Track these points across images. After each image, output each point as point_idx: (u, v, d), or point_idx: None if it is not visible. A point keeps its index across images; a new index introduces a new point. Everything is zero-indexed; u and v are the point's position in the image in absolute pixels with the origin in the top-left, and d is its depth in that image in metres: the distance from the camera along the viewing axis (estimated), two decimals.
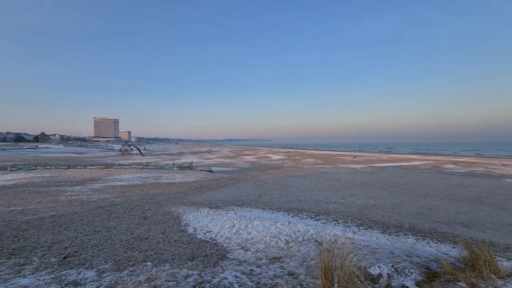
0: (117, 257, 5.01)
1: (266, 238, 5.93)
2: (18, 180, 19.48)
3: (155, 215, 8.73)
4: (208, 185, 18.73)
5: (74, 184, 17.93)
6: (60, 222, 7.79)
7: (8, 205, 10.55)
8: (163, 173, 24.97)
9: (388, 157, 58.08)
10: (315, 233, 6.34)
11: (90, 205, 10.64)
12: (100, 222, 7.74)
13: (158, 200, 11.91)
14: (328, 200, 13.16)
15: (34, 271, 4.40)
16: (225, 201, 12.03)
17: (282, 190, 16.14)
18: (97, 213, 9.08)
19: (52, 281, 3.99)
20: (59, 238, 6.24)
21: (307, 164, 41.17)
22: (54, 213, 8.97)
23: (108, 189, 15.69)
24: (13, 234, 6.51)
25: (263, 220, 7.55)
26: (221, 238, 6.20)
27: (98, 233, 6.68)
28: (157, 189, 16.31)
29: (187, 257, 5.03)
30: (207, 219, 7.94)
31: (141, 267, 4.54)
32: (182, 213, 8.96)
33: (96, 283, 3.90)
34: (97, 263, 4.73)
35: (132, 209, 9.80)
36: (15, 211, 9.30)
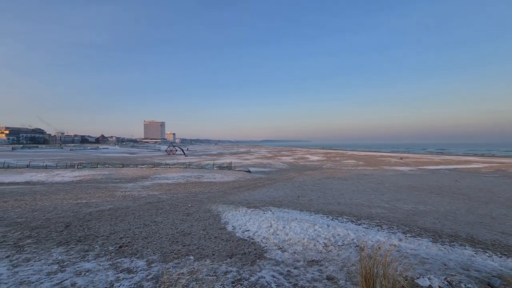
0: (164, 250, 5.43)
1: (304, 240, 5.86)
2: (83, 176, 22.25)
3: (197, 212, 9.22)
4: (246, 185, 19.10)
5: (127, 181, 19.86)
6: (116, 215, 8.71)
7: (75, 198, 12.14)
8: (204, 173, 26.20)
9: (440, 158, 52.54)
10: (356, 238, 6.06)
11: (140, 200, 11.69)
12: (149, 217, 8.45)
13: (200, 198, 12.54)
14: (371, 204, 12.44)
15: (96, 257, 5.00)
16: (263, 201, 12.15)
17: (321, 192, 15.72)
18: (146, 208, 9.94)
19: (110, 267, 4.49)
20: (115, 229, 6.99)
21: (347, 165, 39.37)
22: (111, 207, 10.06)
23: (156, 187, 17.02)
24: (80, 224, 7.48)
25: (301, 222, 7.46)
26: (258, 237, 6.30)
27: (147, 226, 7.31)
28: (199, 187, 17.17)
29: (226, 253, 5.23)
30: (245, 218, 8.12)
31: (184, 260, 4.85)
32: (222, 212, 9.30)
33: (146, 272, 4.28)
34: (147, 253, 5.19)
35: (177, 205, 10.48)
36: (81, 204, 10.67)
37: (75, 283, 3.83)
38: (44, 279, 3.99)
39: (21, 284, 3.81)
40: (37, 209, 9.55)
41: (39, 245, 5.65)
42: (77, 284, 3.81)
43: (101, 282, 3.90)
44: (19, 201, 11.06)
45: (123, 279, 3.99)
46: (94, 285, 3.79)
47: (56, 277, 4.04)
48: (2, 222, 7.61)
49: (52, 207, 9.84)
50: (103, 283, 3.87)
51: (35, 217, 8.29)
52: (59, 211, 9.21)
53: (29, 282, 3.88)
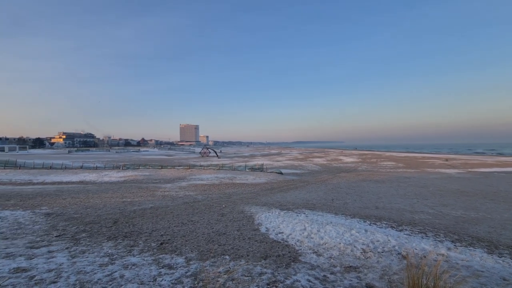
0: (200, 248, 5.65)
1: (340, 245, 5.66)
2: (127, 177, 24.11)
3: (231, 213, 9.43)
4: (279, 186, 19.03)
5: (166, 182, 21.04)
6: (157, 213, 9.29)
7: (121, 196, 13.21)
8: (236, 174, 26.69)
9: (494, 160, 46.95)
10: (397, 245, 5.69)
11: (178, 200, 12.31)
12: (186, 216, 8.86)
13: (233, 199, 12.81)
14: (413, 209, 11.58)
15: (140, 252, 5.38)
16: (296, 204, 12.00)
17: (357, 195, 15.05)
18: (184, 207, 10.43)
19: (152, 262, 4.80)
20: (156, 226, 7.45)
21: (385, 167, 37.16)
22: (152, 206, 10.75)
23: (192, 187, 17.77)
24: (126, 220, 8.12)
25: (336, 226, 7.22)
26: (292, 240, 6.24)
27: (185, 225, 7.67)
28: (232, 188, 17.54)
29: (260, 255, 5.27)
30: (278, 220, 8.10)
31: (220, 259, 4.99)
32: (255, 213, 9.39)
33: (185, 269, 4.50)
34: (185, 251, 5.44)
35: (212, 206, 10.84)
36: (126, 202, 11.57)
37: (123, 276, 4.16)
38: (97, 270, 4.40)
39: (79, 273, 4.25)
40: (90, 206, 10.58)
41: (92, 238, 6.26)
42: (125, 276, 4.14)
43: (146, 276, 4.18)
44: (74, 199, 12.37)
45: (165, 275, 4.23)
46: (140, 278, 4.08)
47: (107, 269, 4.43)
48: (62, 217, 8.57)
49: (102, 205, 10.82)
50: (147, 277, 4.15)
51: (88, 213, 9.20)
52: (108, 208, 10.10)
53: (85, 272, 4.31)
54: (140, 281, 3.97)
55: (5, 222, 7.74)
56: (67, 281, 3.93)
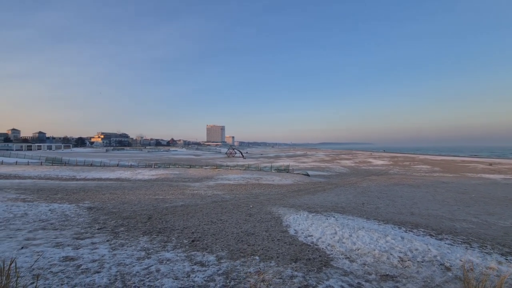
0: (230, 247, 5.72)
1: (374, 252, 5.40)
2: (158, 175, 25.26)
3: (258, 214, 9.45)
4: (305, 188, 18.72)
5: (194, 181, 21.71)
6: (187, 211, 9.60)
7: (154, 194, 13.87)
8: (262, 175, 26.73)
9: None
10: (439, 255, 5.29)
11: (207, 199, 12.62)
12: (215, 215, 9.05)
13: (260, 200, 12.83)
14: (454, 216, 10.72)
15: (173, 248, 5.59)
16: (324, 206, 11.71)
17: (389, 200, 14.30)
18: (212, 206, 10.67)
19: (185, 258, 4.96)
20: (187, 224, 7.70)
21: (419, 171, 34.89)
22: (183, 203, 11.14)
23: (219, 187, 18.13)
24: (159, 217, 8.50)
25: (369, 231, 6.90)
26: (323, 244, 6.08)
27: (214, 223, 7.84)
28: (259, 189, 17.59)
29: (290, 257, 5.20)
30: (307, 223, 7.95)
31: (250, 259, 5.01)
32: (283, 214, 9.31)
33: (216, 267, 4.58)
34: (216, 249, 5.55)
35: (239, 206, 10.95)
36: (158, 199, 12.13)
37: (159, 270, 4.35)
38: (135, 263, 4.64)
39: (119, 265, 4.52)
40: (126, 201, 11.24)
41: (129, 233, 6.64)
42: (160, 270, 4.32)
43: (180, 271, 4.33)
44: (112, 194, 13.23)
45: (197, 271, 4.34)
46: (174, 273, 4.23)
47: (144, 263, 4.66)
48: (102, 211, 9.20)
49: (137, 201, 11.45)
50: (181, 272, 4.29)
51: (125, 208, 9.78)
52: (143, 204, 10.66)
53: (124, 264, 4.57)
54: (174, 276, 4.12)
55: (54, 214, 8.50)
56: (109, 272, 4.19)
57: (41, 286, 3.55)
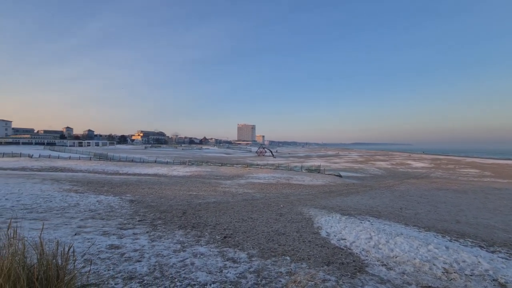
0: (261, 246, 5.76)
1: (415, 261, 5.04)
2: (192, 172, 26.35)
3: (289, 213, 9.38)
4: (338, 190, 18.13)
5: (226, 179, 22.25)
6: (219, 207, 9.88)
7: (188, 190, 14.51)
8: (293, 175, 26.46)
9: None
10: (491, 269, 4.76)
11: (238, 197, 12.86)
12: (246, 213, 9.19)
13: (291, 200, 12.72)
14: (508, 227, 9.61)
15: (206, 243, 5.79)
16: (358, 209, 11.23)
17: (431, 206, 13.25)
18: (243, 204, 10.84)
19: (218, 254, 5.11)
20: (219, 220, 7.92)
21: (466, 175, 31.77)
22: (215, 200, 11.50)
23: (250, 185, 18.35)
24: (193, 212, 8.88)
25: (409, 238, 6.46)
26: (357, 248, 5.84)
27: (245, 221, 7.96)
28: (289, 189, 17.46)
29: (322, 260, 5.08)
30: (340, 226, 7.70)
31: (281, 259, 5.00)
32: (314, 216, 9.13)
33: (248, 265, 4.64)
34: (247, 247, 5.63)
35: (270, 205, 10.98)
36: (192, 195, 12.66)
37: (194, 263, 4.54)
38: (171, 255, 4.90)
39: (157, 256, 4.80)
40: (163, 196, 11.93)
41: (166, 226, 7.03)
42: (195, 264, 4.51)
43: (213, 266, 4.47)
44: (151, 189, 14.12)
45: (230, 267, 4.45)
46: (208, 267, 4.39)
47: (180, 255, 4.90)
48: (142, 204, 9.87)
49: (172, 196, 12.08)
50: (214, 267, 4.43)
51: (162, 203, 10.38)
52: (178, 199, 11.21)
53: (162, 255, 4.85)
54: (208, 270, 4.27)
55: (101, 205, 9.33)
56: (149, 262, 4.48)
57: (92, 270, 3.92)
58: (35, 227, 6.12)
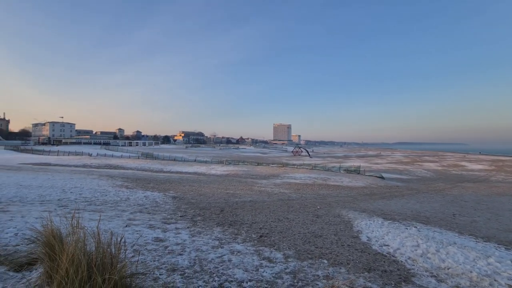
0: (297, 247, 5.69)
1: (471, 274, 4.52)
2: (229, 171, 27.10)
3: (326, 215, 9.11)
4: (380, 192, 17.06)
5: (261, 178, 22.43)
6: (255, 206, 10.01)
7: (225, 188, 14.96)
8: (330, 175, 25.60)
9: None
10: None
11: (273, 196, 12.89)
12: (282, 213, 9.16)
13: (328, 201, 12.34)
14: None
15: (243, 241, 5.91)
16: (403, 214, 10.44)
17: (491, 213, 11.75)
18: (279, 204, 10.82)
19: (254, 252, 5.18)
20: (255, 219, 8.03)
21: None
22: (251, 199, 11.67)
23: (286, 185, 18.24)
24: (230, 210, 9.14)
25: (463, 249, 5.81)
26: (402, 256, 5.43)
27: (281, 221, 7.94)
28: (326, 190, 16.94)
29: (362, 266, 4.84)
30: (382, 231, 7.24)
31: (318, 262, 4.88)
32: (353, 219, 8.73)
33: (284, 265, 4.63)
34: (283, 247, 5.61)
35: (306, 206, 10.79)
36: (229, 193, 13.03)
37: (231, 260, 4.68)
38: (210, 250, 5.11)
39: (197, 250, 5.05)
40: (202, 194, 12.49)
41: (205, 222, 7.35)
42: (232, 261, 4.64)
43: (249, 264, 4.55)
44: (191, 187, 14.88)
45: (266, 267, 4.49)
46: (244, 265, 4.48)
47: (218, 251, 5.08)
48: (183, 201, 10.46)
49: (211, 194, 12.58)
50: (250, 265, 4.51)
51: (201, 200, 10.87)
52: (216, 197, 11.64)
53: (201, 250, 5.09)
54: (244, 268, 4.36)
55: (148, 200, 10.12)
56: (189, 256, 4.73)
57: (139, 260, 4.28)
58: (93, 218, 6.89)
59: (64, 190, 11.28)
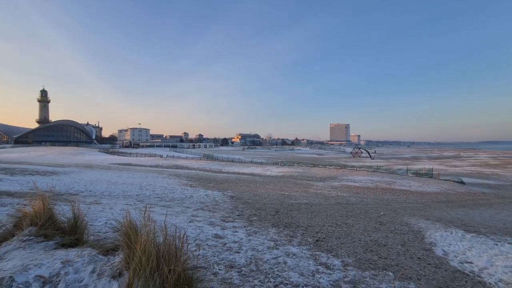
0: (358, 255, 5.32)
1: None
2: (284, 172, 27.08)
3: (391, 223, 8.29)
4: (459, 200, 14.66)
5: (317, 180, 21.73)
6: (311, 209, 9.76)
7: (280, 189, 15.00)
8: (395, 179, 23.19)
9: None
10: None
11: (330, 200, 12.34)
12: (340, 217, 8.70)
13: (393, 207, 11.19)
14: None
15: (298, 244, 5.83)
16: (491, 227, 8.75)
17: None
18: (336, 208, 10.31)
19: (310, 257, 5.05)
20: (311, 223, 7.82)
21: None
22: (306, 201, 11.42)
23: (344, 188, 17.27)
24: (285, 212, 9.12)
25: None
26: (490, 277, 4.56)
27: (339, 226, 7.54)
28: (391, 195, 15.40)
29: (437, 284, 4.24)
30: (463, 245, 6.20)
31: (382, 274, 4.47)
32: (425, 229, 7.72)
33: (342, 273, 4.38)
34: (341, 254, 5.32)
35: (367, 211, 10.01)
36: (284, 195, 13.02)
37: (286, 262, 4.66)
38: (266, 251, 5.19)
39: (253, 250, 5.19)
40: (258, 194, 12.78)
41: (261, 223, 7.50)
42: (287, 263, 4.61)
43: (305, 268, 4.46)
44: (247, 187, 15.39)
45: (322, 273, 4.32)
46: (300, 269, 4.41)
47: (273, 252, 5.12)
48: (240, 200, 10.89)
49: (266, 195, 12.78)
50: (306, 270, 4.41)
51: (257, 200, 11.14)
52: (271, 198, 11.77)
53: (257, 250, 5.20)
54: (300, 272, 4.29)
55: (209, 198, 10.86)
56: (246, 254, 4.89)
57: (200, 254, 4.63)
58: (163, 212, 7.74)
59: (141, 187, 13.00)
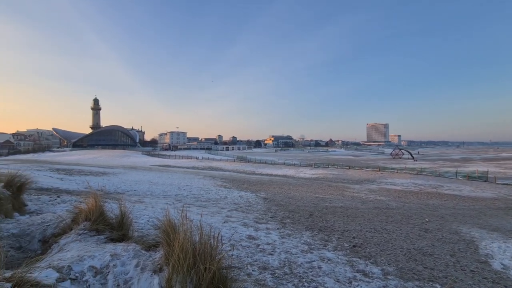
0: (399, 264, 4.98)
1: None
2: (318, 174, 26.43)
3: (438, 231, 7.59)
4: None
5: (354, 183, 20.80)
6: (347, 213, 9.37)
7: (314, 192, 14.67)
8: (443, 182, 21.20)
9: None
10: None
11: (368, 203, 11.72)
12: (379, 223, 8.21)
13: (441, 214, 10.24)
14: None
15: (334, 248, 5.64)
16: None
17: None
18: (375, 212, 9.76)
19: (346, 263, 4.85)
20: (348, 227, 7.51)
21: None
22: (342, 205, 11.00)
23: (383, 191, 16.27)
24: (319, 215, 8.89)
25: None
26: None
27: (378, 232, 7.13)
28: (437, 199, 14.11)
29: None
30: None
31: (428, 286, 4.12)
32: (479, 238, 6.93)
33: (382, 282, 4.13)
34: (381, 262, 5.02)
35: (410, 217, 9.31)
36: (318, 197, 12.70)
37: (321, 267, 4.54)
38: (299, 254, 5.12)
39: (286, 252, 5.15)
40: (291, 196, 12.66)
41: (294, 225, 7.41)
42: (322, 268, 4.49)
43: (341, 274, 4.30)
44: (280, 189, 15.33)
45: (360, 280, 4.13)
46: (335, 275, 4.26)
47: (307, 256, 5.03)
48: (273, 202, 10.89)
49: (299, 197, 12.59)
50: (342, 276, 4.24)
51: (290, 202, 11.03)
52: (304, 201, 11.57)
53: (291, 253, 5.15)
54: (336, 278, 4.15)
55: (242, 199, 11.05)
56: (279, 257, 4.88)
57: (234, 254, 4.73)
58: (199, 212, 8.07)
59: (179, 187, 13.72)
